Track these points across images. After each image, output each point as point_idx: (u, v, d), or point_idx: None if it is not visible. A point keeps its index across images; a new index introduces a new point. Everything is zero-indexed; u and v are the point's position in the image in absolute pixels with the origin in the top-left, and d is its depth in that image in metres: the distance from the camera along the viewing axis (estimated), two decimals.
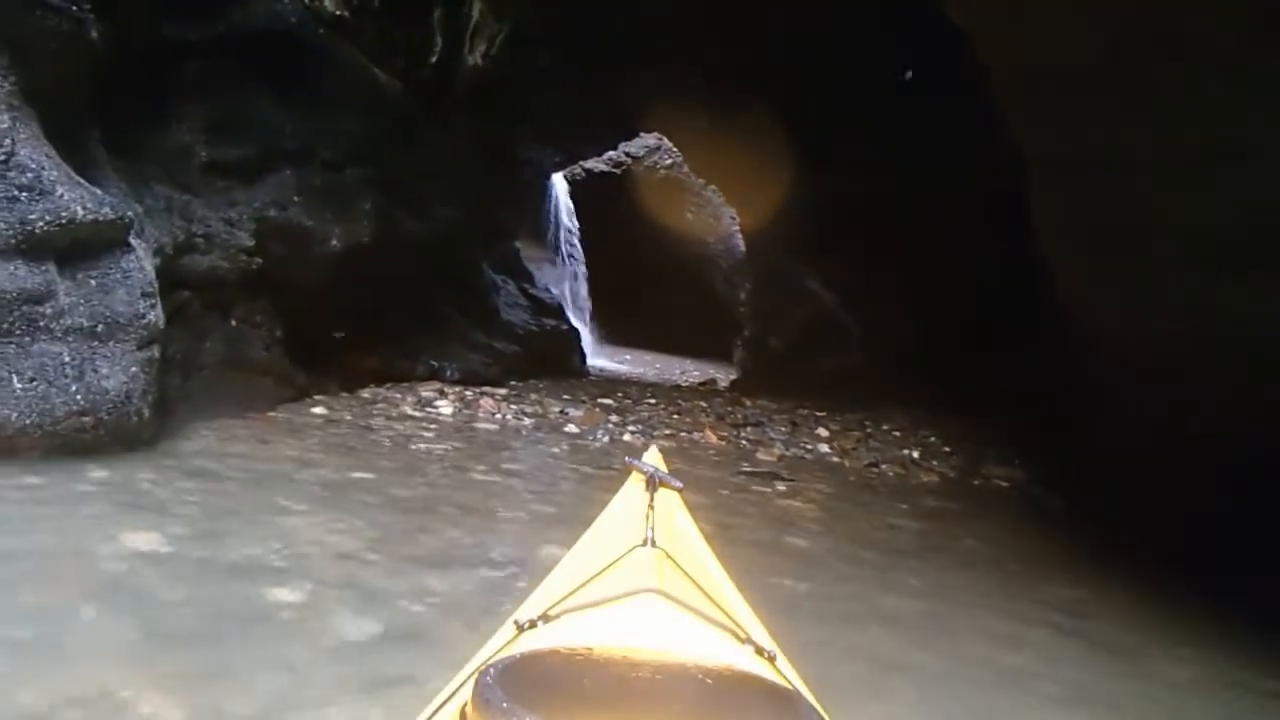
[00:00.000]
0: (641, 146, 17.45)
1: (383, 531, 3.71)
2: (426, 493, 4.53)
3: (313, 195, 7.04)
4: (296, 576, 3.08)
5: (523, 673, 0.95)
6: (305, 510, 3.87)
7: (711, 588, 1.46)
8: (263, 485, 4.21)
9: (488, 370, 9.83)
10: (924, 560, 4.62)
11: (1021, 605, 4.01)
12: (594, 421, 8.07)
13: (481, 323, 10.88)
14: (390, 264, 8.28)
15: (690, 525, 1.92)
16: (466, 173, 10.44)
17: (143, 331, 4.53)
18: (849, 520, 5.38)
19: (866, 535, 5.03)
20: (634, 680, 0.97)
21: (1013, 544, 5.41)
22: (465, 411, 7.65)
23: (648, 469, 1.96)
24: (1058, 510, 7.05)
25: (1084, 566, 5.12)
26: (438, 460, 5.49)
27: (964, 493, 7.35)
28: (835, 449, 8.52)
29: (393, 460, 5.29)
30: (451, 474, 5.11)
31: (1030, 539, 5.64)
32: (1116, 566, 5.19)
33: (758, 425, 9.37)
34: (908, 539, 5.12)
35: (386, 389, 8.18)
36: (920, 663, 3.12)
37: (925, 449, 8.99)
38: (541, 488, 5.06)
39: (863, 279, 11.65)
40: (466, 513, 4.21)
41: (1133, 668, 3.43)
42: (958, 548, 5.04)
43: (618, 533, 1.68)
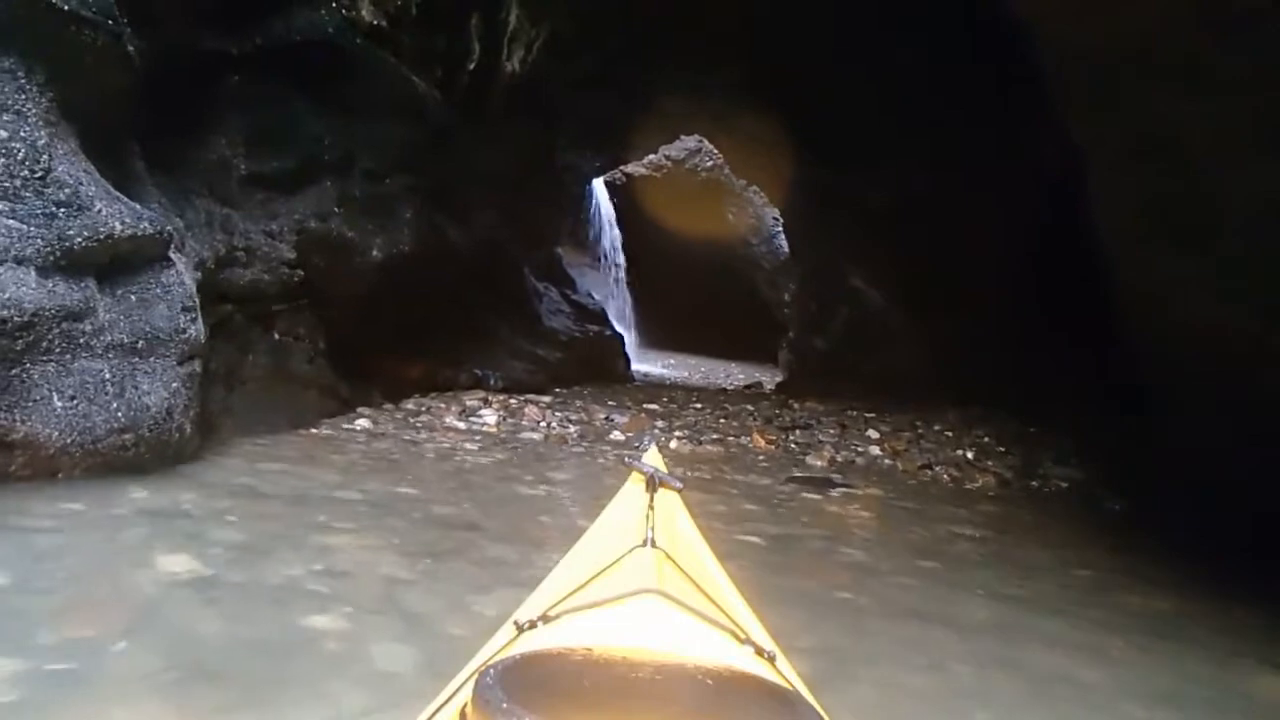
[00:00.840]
0: (682, 149, 17.26)
1: (426, 550, 3.56)
2: (471, 509, 4.38)
3: (353, 205, 6.95)
4: (337, 601, 2.94)
5: (523, 673, 0.95)
6: (348, 529, 3.73)
7: (711, 588, 1.45)
8: (305, 503, 4.08)
9: (532, 378, 9.70)
10: (988, 569, 4.39)
11: (1094, 615, 3.77)
12: (640, 428, 7.90)
13: (524, 330, 10.77)
14: (432, 273, 8.19)
15: (690, 526, 1.90)
16: (506, 179, 10.34)
17: (183, 346, 4.43)
18: (906, 528, 5.16)
19: (926, 544, 4.80)
20: (634, 681, 0.97)
21: (1078, 551, 5.16)
22: (510, 420, 7.52)
23: (647, 469, 1.94)
24: (1121, 512, 6.77)
25: (1154, 572, 4.85)
26: (482, 473, 5.35)
27: (1023, 495, 7.08)
28: (887, 450, 8.28)
29: (437, 474, 5.16)
30: (496, 488, 4.96)
31: (1096, 545, 5.37)
32: (1188, 572, 4.92)
33: (806, 428, 9.16)
34: (969, 547, 4.88)
35: (431, 399, 8.08)
36: (996, 682, 2.91)
37: (979, 449, 8.72)
38: (588, 500, 4.88)
39: (910, 277, 11.38)
40: (512, 529, 4.05)
41: (1221, 683, 3.18)
42: (1022, 555, 4.79)
43: (618, 533, 1.68)
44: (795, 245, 14.55)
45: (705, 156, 17.19)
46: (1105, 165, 5.79)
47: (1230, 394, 5.62)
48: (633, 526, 1.64)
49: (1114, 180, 5.74)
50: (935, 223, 10.67)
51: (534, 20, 10.05)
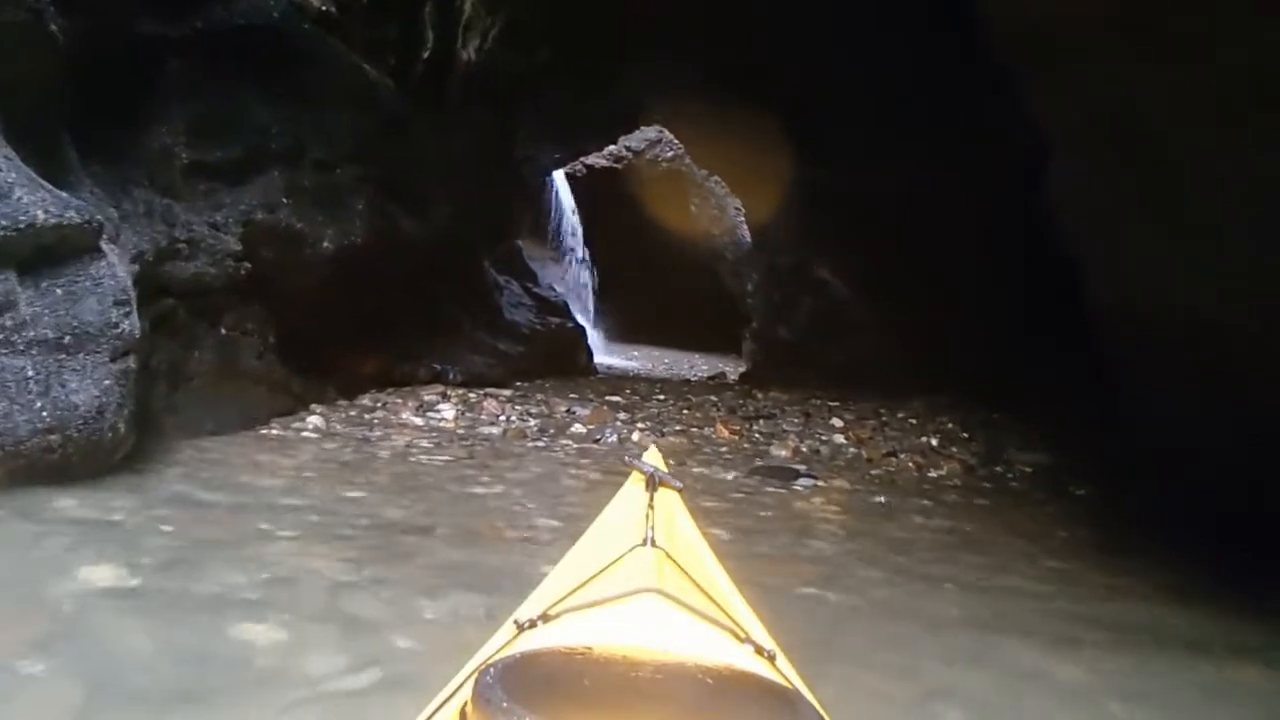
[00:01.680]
0: (642, 140, 17.06)
1: (374, 555, 3.36)
2: (424, 511, 4.16)
3: (303, 196, 6.69)
4: (275, 610, 2.73)
5: (523, 672, 0.94)
6: (291, 536, 3.51)
7: (711, 587, 1.44)
8: (247, 510, 3.85)
9: (492, 371, 9.48)
10: (957, 563, 4.25)
11: (1065, 607, 3.64)
12: (601, 420, 7.71)
13: (485, 323, 10.54)
14: (387, 265, 7.93)
15: (690, 525, 1.89)
16: (464, 171, 10.08)
17: (116, 342, 4.17)
18: (873, 520, 5.01)
19: (893, 536, 4.66)
20: (634, 680, 0.96)
21: (1046, 542, 5.03)
22: (468, 415, 7.30)
23: (647, 469, 1.92)
24: (1086, 498, 6.68)
25: (1126, 560, 4.75)
26: (437, 473, 5.12)
27: (990, 482, 6.98)
28: (851, 439, 8.16)
29: (389, 475, 4.93)
30: (451, 488, 4.74)
31: (1064, 534, 5.25)
32: (1160, 559, 4.82)
33: (770, 418, 9.02)
34: (937, 540, 4.73)
35: (388, 394, 7.83)
36: (969, 683, 2.76)
37: (944, 435, 8.63)
38: (547, 499, 4.69)
39: (874, 266, 11.27)
40: (464, 532, 3.85)
41: (1197, 673, 3.06)
42: (992, 546, 4.66)
43: (617, 532, 1.66)
44: (758, 235, 14.42)
45: (666, 147, 17.00)
46: (1066, 143, 5.69)
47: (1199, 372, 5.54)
48: (633, 526, 1.62)
49: (1076, 158, 5.63)
50: (900, 211, 10.57)
51: (490, 9, 9.82)
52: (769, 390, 10.90)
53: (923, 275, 10.77)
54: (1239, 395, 5.20)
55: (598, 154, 16.77)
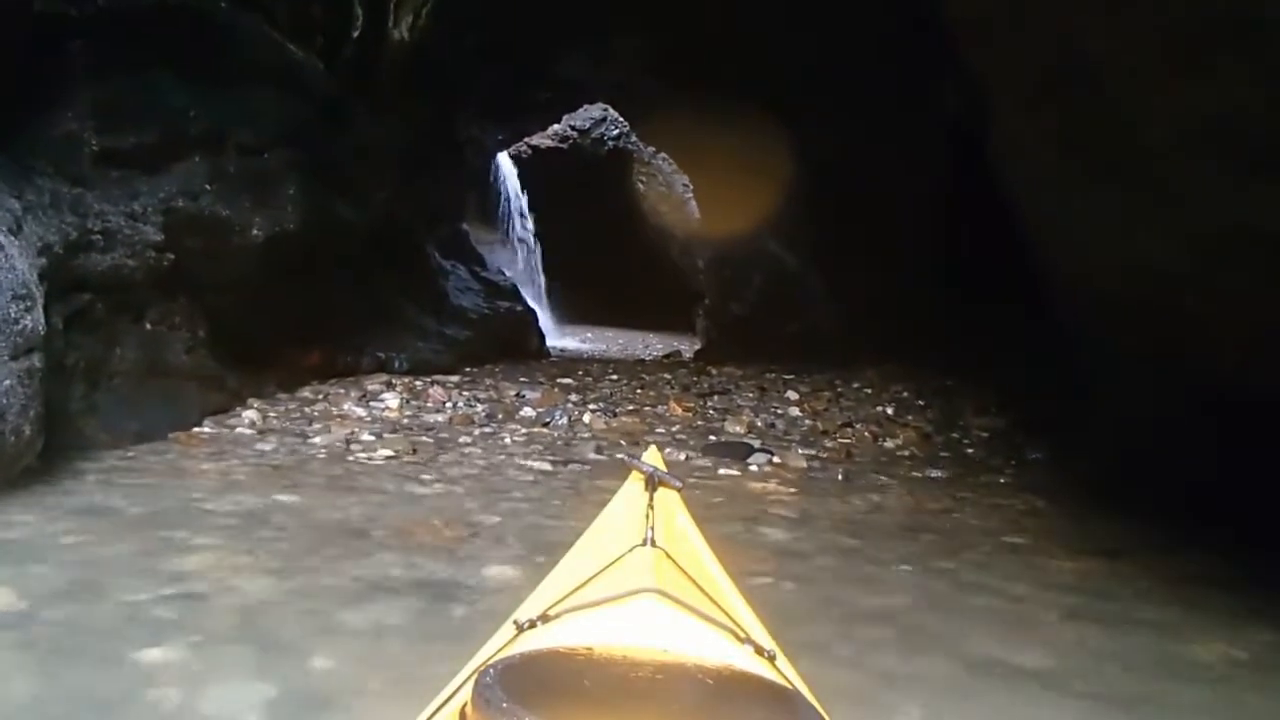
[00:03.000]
0: (587, 119, 16.69)
1: (299, 565, 3.07)
2: (359, 513, 3.87)
3: (228, 183, 6.31)
4: (183, 631, 2.43)
5: (523, 673, 0.93)
6: (210, 546, 3.22)
7: (711, 587, 1.41)
8: (165, 519, 3.55)
9: (439, 358, 9.14)
10: (915, 542, 4.07)
11: (1026, 588, 3.45)
12: (552, 403, 7.43)
13: (431, 309, 10.18)
14: (324, 253, 7.58)
15: (690, 525, 1.87)
16: (403, 154, 9.71)
17: (17, 339, 3.84)
18: (829, 500, 4.80)
19: (850, 517, 4.45)
20: (634, 680, 0.95)
21: (1005, 511, 4.86)
22: (413, 403, 6.99)
23: (647, 469, 1.89)
24: (1043, 461, 6.53)
25: (1085, 528, 4.58)
26: (376, 470, 4.82)
27: (947, 450, 6.84)
28: (806, 411, 7.97)
29: (326, 475, 4.63)
30: (390, 485, 4.46)
31: (1022, 505, 5.07)
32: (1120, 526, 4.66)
33: (724, 393, 8.81)
34: (894, 518, 4.55)
35: (330, 385, 7.49)
36: (923, 671, 2.58)
37: (899, 404, 8.48)
38: (490, 495, 4.41)
39: (824, 238, 11.07)
40: (400, 534, 3.57)
41: (1164, 653, 2.87)
42: (949, 523, 4.48)
43: (617, 532, 1.64)
44: (707, 211, 14.16)
45: (611, 125, 16.65)
46: (1011, 101, 5.48)
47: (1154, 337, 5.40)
48: (632, 526, 1.59)
49: (1022, 117, 5.42)
50: (847, 182, 10.38)
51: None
52: (723, 366, 10.69)
53: (873, 245, 10.61)
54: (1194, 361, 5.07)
55: (542, 134, 16.39)
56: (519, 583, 3.02)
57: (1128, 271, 4.99)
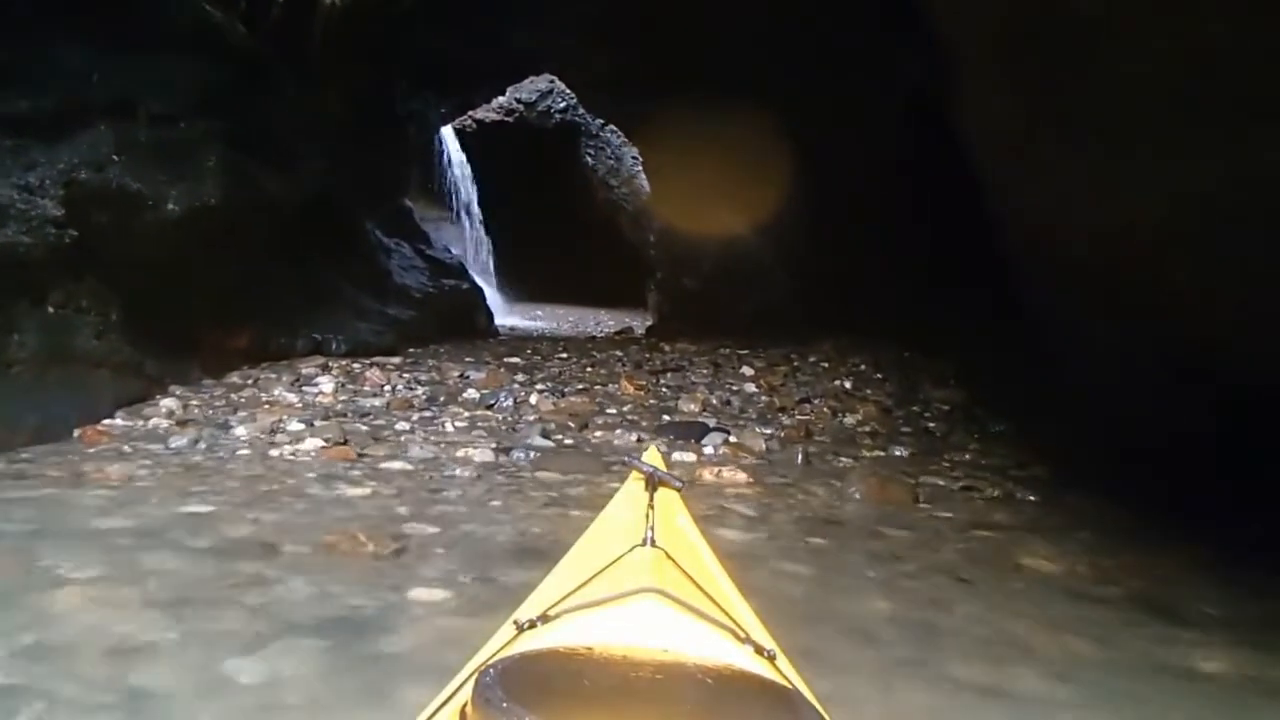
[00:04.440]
0: (533, 91, 16.13)
1: (190, 596, 2.64)
2: (273, 524, 3.42)
3: (138, 153, 5.80)
4: (31, 698, 2.00)
5: (523, 672, 0.93)
6: (88, 578, 2.74)
7: (711, 587, 1.39)
8: (43, 542, 3.07)
9: (380, 339, 8.68)
10: (881, 539, 3.72)
11: (1003, 594, 3.11)
12: (497, 384, 7.02)
13: (371, 289, 9.69)
14: (251, 229, 7.08)
15: (690, 525, 1.87)
16: (338, 126, 9.19)
17: None
18: (788, 493, 4.43)
19: (812, 511, 4.11)
20: (634, 680, 0.95)
21: (973, 498, 4.54)
22: (349, 387, 6.53)
23: (647, 469, 1.88)
24: (1007, 434, 6.27)
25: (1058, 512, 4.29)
26: (300, 467, 4.36)
27: (908, 425, 6.56)
28: (763, 387, 7.65)
29: (243, 476, 4.15)
30: (313, 487, 4.00)
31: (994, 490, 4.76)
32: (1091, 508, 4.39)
33: (678, 370, 8.45)
34: (858, 511, 4.20)
35: (262, 370, 7.00)
36: (902, 698, 2.24)
37: (857, 378, 8.20)
38: (423, 494, 3.99)
39: (779, 209, 10.72)
40: (317, 550, 3.14)
41: (1156, 659, 2.58)
42: (916, 517, 4.12)
43: (617, 532, 1.64)
44: (657, 184, 13.75)
45: (558, 98, 16.11)
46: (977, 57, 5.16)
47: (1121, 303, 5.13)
48: (632, 526, 1.58)
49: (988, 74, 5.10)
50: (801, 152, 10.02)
51: None
52: (676, 342, 10.33)
53: (828, 217, 10.30)
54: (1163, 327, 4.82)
55: (487, 108, 15.82)
56: (447, 609, 2.64)
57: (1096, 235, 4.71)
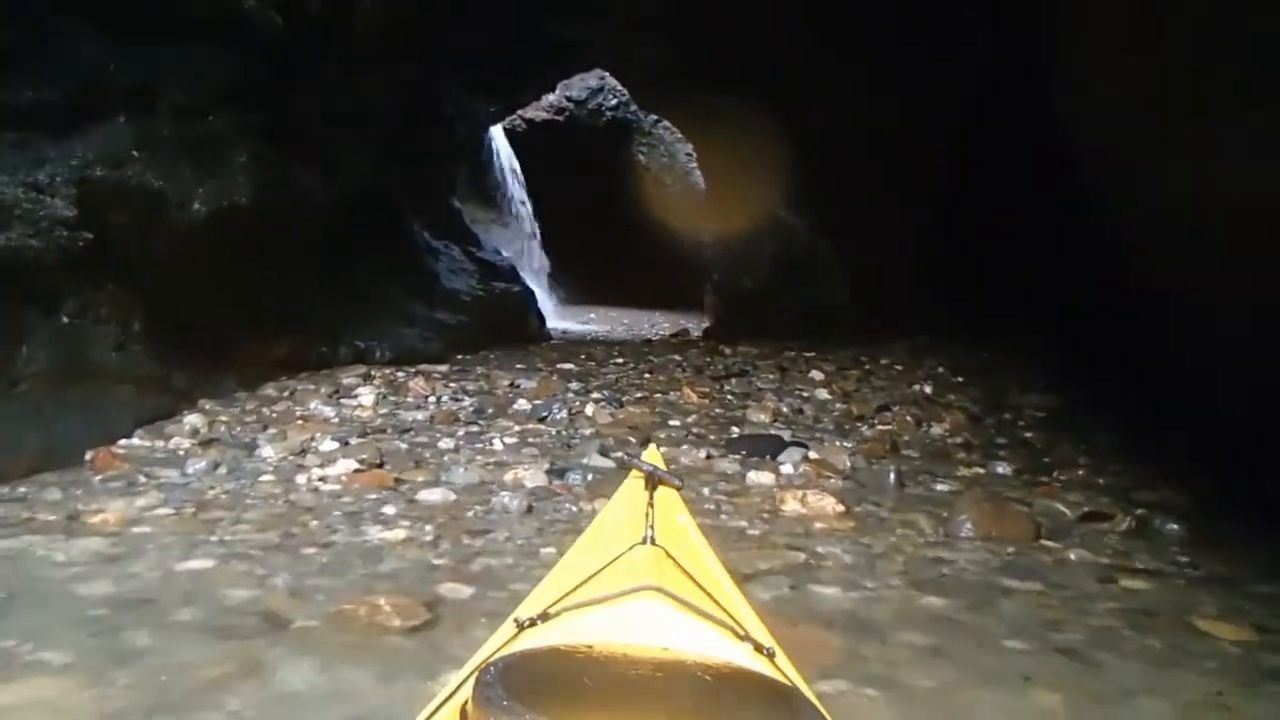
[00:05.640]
0: (584, 89, 15.55)
1: (164, 700, 2.04)
2: (285, 586, 2.80)
3: (161, 148, 5.30)
4: None
5: (523, 671, 0.92)
6: (55, 666, 2.15)
7: (711, 585, 1.36)
8: (12, 612, 2.50)
9: (427, 346, 8.13)
10: (1012, 596, 2.97)
11: (1196, 677, 2.36)
12: (550, 393, 6.42)
13: (418, 293, 9.15)
14: (288, 230, 6.55)
15: (690, 523, 1.85)
16: (381, 122, 8.66)
17: None
18: (886, 527, 3.72)
19: (919, 554, 3.39)
20: (634, 678, 0.94)
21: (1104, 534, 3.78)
22: (390, 399, 5.97)
23: (647, 468, 1.85)
24: (1120, 443, 5.49)
25: (1213, 555, 3.52)
26: (325, 505, 3.73)
27: (1002, 435, 5.82)
28: (836, 393, 6.95)
29: (261, 515, 3.54)
30: (340, 532, 3.37)
31: (1121, 509, 4.01)
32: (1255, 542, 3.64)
33: (742, 375, 7.79)
34: (974, 553, 3.42)
35: (300, 380, 6.48)
36: None
37: (936, 382, 7.45)
38: (464, 537, 3.36)
39: (839, 205, 10.01)
40: (331, 623, 2.52)
41: None
42: (1044, 561, 3.35)
43: (617, 531, 1.63)
44: (713, 181, 13.08)
45: (609, 95, 15.50)
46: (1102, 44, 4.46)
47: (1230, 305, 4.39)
48: (632, 524, 1.56)
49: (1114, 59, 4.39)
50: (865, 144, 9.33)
51: None
52: (737, 345, 9.65)
53: (892, 210, 9.58)
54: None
55: (537, 106, 15.27)
56: None
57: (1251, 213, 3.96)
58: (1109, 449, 5.44)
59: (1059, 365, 7.31)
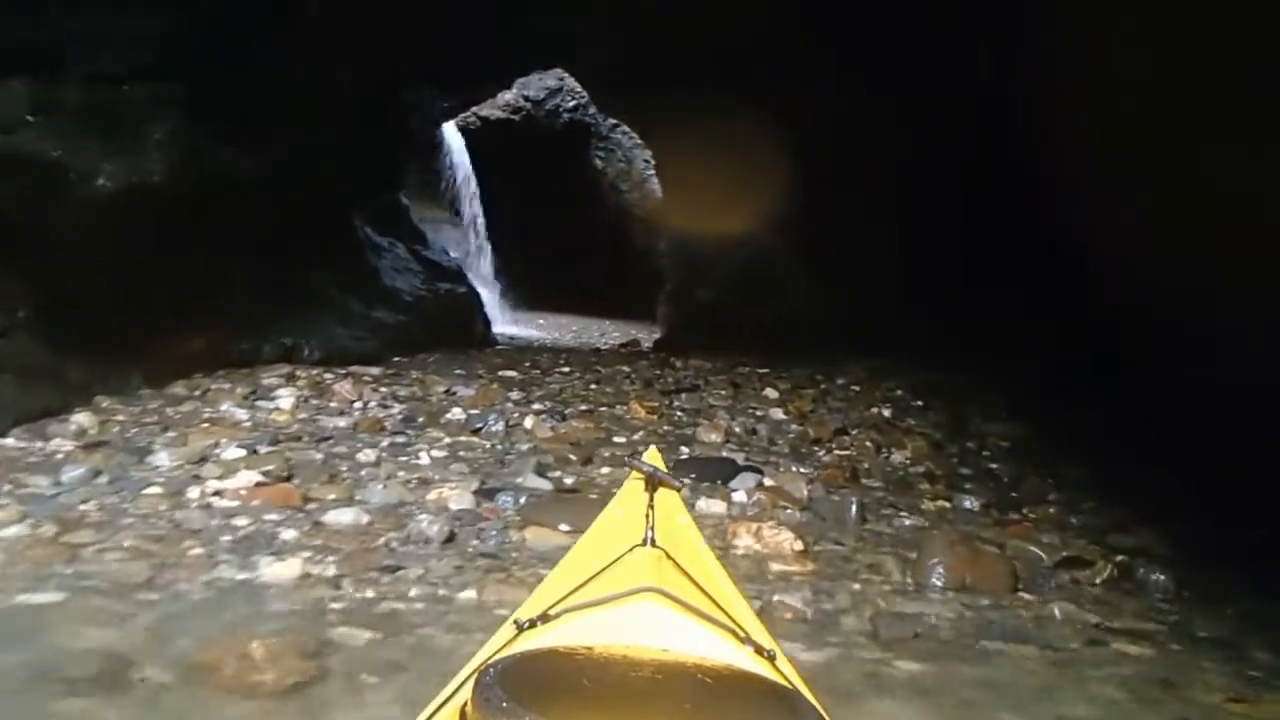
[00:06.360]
0: (542, 89, 15.04)
1: None
2: (144, 627, 2.32)
3: (64, 117, 4.76)
4: None
5: (523, 672, 0.91)
6: None
7: (711, 587, 1.34)
8: None
9: (362, 345, 7.60)
10: (994, 661, 2.60)
11: None
12: (489, 402, 5.95)
13: (356, 290, 8.59)
14: (213, 215, 6.00)
15: (690, 525, 1.87)
16: (329, 110, 8.11)
17: None
18: (850, 570, 3.33)
19: (888, 604, 2.99)
20: (634, 680, 0.93)
21: (1087, 585, 3.42)
22: (312, 402, 5.46)
23: (647, 469, 1.83)
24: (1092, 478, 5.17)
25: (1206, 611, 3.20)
26: (216, 526, 3.22)
27: (967, 466, 5.48)
28: (791, 413, 6.57)
29: (137, 536, 3.02)
30: (221, 562, 2.87)
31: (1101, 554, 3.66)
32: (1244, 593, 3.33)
33: (693, 390, 7.38)
34: (949, 605, 3.04)
35: (216, 378, 5.94)
36: None
37: (895, 405, 7.12)
38: (369, 572, 2.88)
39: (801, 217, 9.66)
40: (186, 676, 2.05)
41: None
42: (1025, 617, 2.99)
43: (617, 532, 1.59)
44: (671, 188, 12.68)
45: (567, 97, 15.02)
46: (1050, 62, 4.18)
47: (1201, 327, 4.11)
48: (632, 526, 1.53)
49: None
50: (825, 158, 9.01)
51: None
52: (689, 358, 9.24)
53: (856, 227, 9.28)
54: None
55: (493, 105, 14.74)
56: None
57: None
58: (1079, 484, 5.12)
59: (1022, 392, 7.04)
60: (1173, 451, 4.94)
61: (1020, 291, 7.42)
